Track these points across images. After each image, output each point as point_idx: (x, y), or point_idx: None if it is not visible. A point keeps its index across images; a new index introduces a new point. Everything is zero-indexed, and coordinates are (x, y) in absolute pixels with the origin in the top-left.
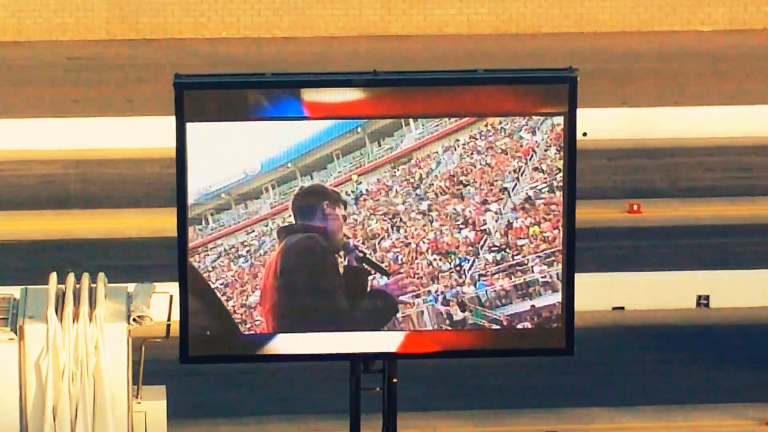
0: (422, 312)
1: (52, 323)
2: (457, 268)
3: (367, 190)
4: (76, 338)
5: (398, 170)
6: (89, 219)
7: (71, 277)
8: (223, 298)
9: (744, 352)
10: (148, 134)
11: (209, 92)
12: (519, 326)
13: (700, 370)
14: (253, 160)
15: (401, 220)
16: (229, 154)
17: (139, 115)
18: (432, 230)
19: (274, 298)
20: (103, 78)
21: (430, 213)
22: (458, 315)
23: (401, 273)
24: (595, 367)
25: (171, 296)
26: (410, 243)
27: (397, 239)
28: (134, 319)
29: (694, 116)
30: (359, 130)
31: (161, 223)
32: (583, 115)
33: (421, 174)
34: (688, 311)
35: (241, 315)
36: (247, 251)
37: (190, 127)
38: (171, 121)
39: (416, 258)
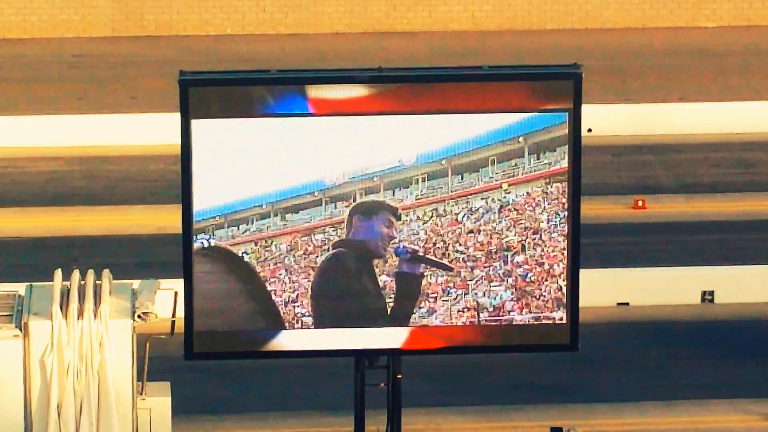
0: None
1: (57, 320)
2: None
3: (513, 201)
4: (80, 335)
5: (551, 186)
6: (94, 216)
7: (76, 274)
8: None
9: (748, 348)
10: (152, 131)
11: (214, 89)
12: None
13: (705, 366)
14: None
15: (540, 238)
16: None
17: (144, 111)
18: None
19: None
20: (107, 75)
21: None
22: None
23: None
24: (599, 362)
25: (176, 293)
26: (544, 263)
27: (530, 256)
28: (139, 316)
29: (699, 112)
30: (521, 140)
31: (166, 219)
32: (587, 111)
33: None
34: (692, 307)
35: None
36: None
37: (195, 124)
38: (176, 117)
39: (546, 280)
